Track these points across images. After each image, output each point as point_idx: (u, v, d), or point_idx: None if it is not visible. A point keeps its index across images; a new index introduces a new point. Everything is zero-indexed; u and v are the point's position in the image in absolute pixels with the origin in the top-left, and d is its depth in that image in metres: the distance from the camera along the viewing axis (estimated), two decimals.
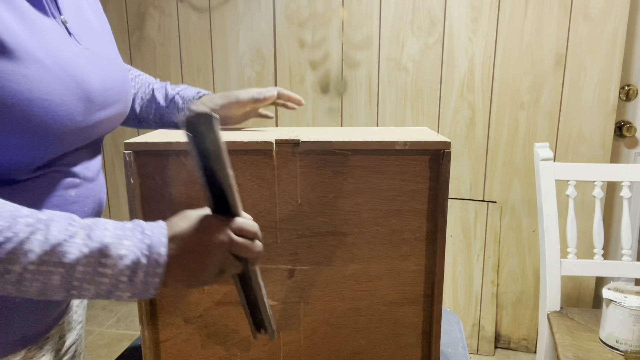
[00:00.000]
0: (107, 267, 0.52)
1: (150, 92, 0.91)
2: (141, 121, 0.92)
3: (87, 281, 0.52)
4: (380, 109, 2.04)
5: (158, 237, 0.55)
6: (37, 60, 0.56)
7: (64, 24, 0.65)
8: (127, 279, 0.53)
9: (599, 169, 1.51)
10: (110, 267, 0.52)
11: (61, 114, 0.58)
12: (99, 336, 2.23)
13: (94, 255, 0.52)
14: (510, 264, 2.04)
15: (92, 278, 0.52)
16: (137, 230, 0.55)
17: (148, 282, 0.54)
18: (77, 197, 0.66)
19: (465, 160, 2.00)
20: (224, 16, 2.11)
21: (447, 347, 0.92)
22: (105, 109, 0.68)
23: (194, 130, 0.53)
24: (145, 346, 0.75)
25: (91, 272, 0.52)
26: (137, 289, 0.54)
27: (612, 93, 1.83)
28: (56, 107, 0.57)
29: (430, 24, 1.92)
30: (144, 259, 0.53)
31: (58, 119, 0.58)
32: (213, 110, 0.84)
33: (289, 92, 0.90)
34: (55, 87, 0.57)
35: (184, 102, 0.88)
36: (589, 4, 1.78)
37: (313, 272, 0.74)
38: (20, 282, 0.51)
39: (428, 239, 0.73)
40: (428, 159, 0.70)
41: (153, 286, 0.54)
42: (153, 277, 0.54)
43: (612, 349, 1.28)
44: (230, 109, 0.85)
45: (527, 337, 2.09)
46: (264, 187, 0.71)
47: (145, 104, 0.90)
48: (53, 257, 0.51)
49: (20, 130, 0.55)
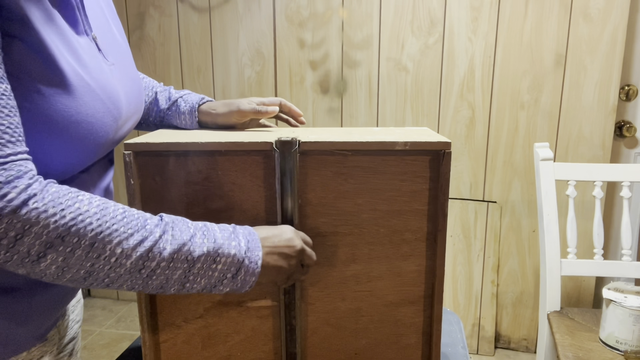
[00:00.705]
0: (220, 263, 0.60)
1: (153, 94, 0.92)
2: (141, 123, 0.93)
3: (200, 275, 0.60)
4: (380, 109, 2.04)
5: (255, 242, 0.64)
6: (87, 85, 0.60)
7: (94, 40, 0.67)
8: (232, 276, 0.61)
9: (599, 169, 1.51)
10: (222, 263, 0.60)
11: (100, 133, 0.63)
12: (99, 336, 2.23)
13: (210, 254, 0.60)
14: (510, 264, 2.04)
15: (205, 273, 0.60)
16: (238, 233, 0.63)
17: (246, 280, 0.62)
18: None
19: (465, 160, 2.00)
20: (224, 16, 2.11)
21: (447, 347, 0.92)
22: (128, 122, 0.72)
23: None
24: (145, 346, 0.75)
25: (206, 268, 0.60)
26: (237, 285, 0.62)
27: (612, 93, 1.83)
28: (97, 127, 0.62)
29: (430, 24, 1.92)
30: (246, 260, 0.62)
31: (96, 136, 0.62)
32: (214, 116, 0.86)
33: (291, 104, 0.91)
34: (99, 109, 0.62)
35: (186, 106, 0.89)
36: (589, 4, 1.78)
37: (313, 272, 0.74)
38: (150, 277, 0.57)
39: (428, 239, 0.73)
40: (428, 159, 0.70)
41: (250, 284, 0.63)
42: (251, 277, 0.63)
43: (612, 349, 1.28)
44: (230, 117, 0.86)
45: (527, 337, 2.09)
46: (264, 187, 0.71)
47: (147, 106, 0.92)
48: (181, 255, 0.58)
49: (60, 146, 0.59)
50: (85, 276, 0.55)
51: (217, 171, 0.71)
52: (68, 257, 0.53)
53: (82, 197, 0.55)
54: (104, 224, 0.54)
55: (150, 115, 0.92)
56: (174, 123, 0.90)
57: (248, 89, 2.15)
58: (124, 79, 0.72)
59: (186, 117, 0.87)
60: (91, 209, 0.54)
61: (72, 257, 0.53)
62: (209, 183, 0.71)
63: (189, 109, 0.88)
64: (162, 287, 0.59)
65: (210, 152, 0.70)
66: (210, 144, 0.69)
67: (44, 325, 0.68)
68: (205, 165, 0.70)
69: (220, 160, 0.70)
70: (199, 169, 0.71)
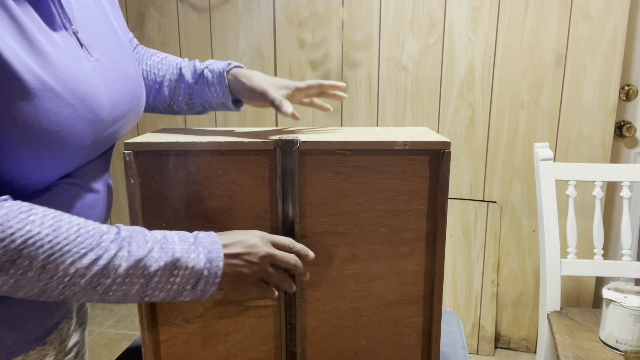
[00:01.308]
0: (177, 276, 0.60)
1: (177, 71, 0.88)
2: (172, 105, 0.89)
3: (159, 289, 0.60)
4: (380, 109, 2.04)
5: (217, 252, 0.63)
6: (50, 90, 0.56)
7: (75, 34, 0.63)
8: (191, 287, 0.61)
9: (599, 169, 1.51)
10: (180, 276, 0.60)
11: (72, 140, 0.59)
12: (99, 336, 2.23)
13: (168, 268, 0.60)
14: (510, 264, 2.04)
15: (163, 286, 0.60)
16: (199, 244, 0.63)
17: (207, 290, 0.62)
18: (81, 209, 0.66)
19: (465, 160, 2.00)
20: (224, 16, 2.11)
21: (447, 347, 0.92)
22: (116, 123, 0.68)
23: None
24: (145, 346, 0.75)
25: (164, 282, 0.60)
26: (197, 294, 0.62)
27: (612, 93, 1.83)
28: (66, 135, 0.58)
29: (430, 24, 1.92)
30: (206, 271, 0.61)
31: (69, 143, 0.59)
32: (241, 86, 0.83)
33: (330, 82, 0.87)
34: (66, 116, 0.58)
35: (213, 76, 0.84)
36: (589, 4, 1.78)
37: (313, 272, 0.74)
38: (106, 293, 0.57)
39: (428, 239, 0.73)
40: (428, 159, 0.70)
41: (210, 293, 0.63)
42: (212, 286, 0.62)
43: (612, 349, 1.28)
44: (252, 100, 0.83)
45: (527, 337, 2.09)
46: (264, 187, 0.71)
47: (174, 85, 0.87)
48: (137, 270, 0.58)
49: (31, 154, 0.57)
50: (40, 293, 0.55)
51: (217, 171, 0.71)
52: (19, 279, 0.52)
53: (33, 218, 0.53)
54: (55, 246, 0.53)
55: (180, 94, 0.87)
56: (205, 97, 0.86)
57: None
58: (112, 76, 0.68)
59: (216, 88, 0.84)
60: (43, 230, 0.53)
61: (24, 278, 0.52)
62: (209, 183, 0.71)
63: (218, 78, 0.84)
64: (121, 300, 0.59)
65: (210, 152, 0.70)
66: (210, 143, 0.69)
67: (40, 329, 0.67)
68: (205, 165, 0.70)
69: (220, 160, 0.70)
70: (199, 168, 0.71)
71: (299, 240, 0.72)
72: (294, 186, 0.71)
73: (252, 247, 0.65)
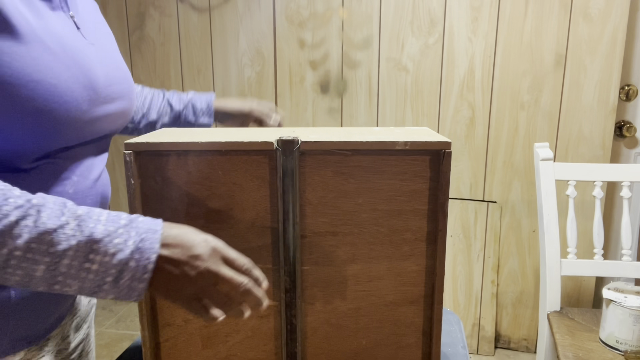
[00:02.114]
0: (94, 263, 0.50)
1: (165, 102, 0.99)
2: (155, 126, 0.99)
3: (71, 276, 0.50)
4: (380, 109, 2.04)
5: (151, 242, 0.52)
6: (43, 43, 0.56)
7: (72, 18, 0.66)
8: (112, 280, 0.50)
9: (599, 169, 1.51)
10: (97, 263, 0.50)
11: (66, 99, 0.57)
12: (99, 336, 2.23)
13: (81, 249, 0.49)
14: (510, 264, 2.04)
15: (77, 273, 0.50)
16: (132, 228, 0.52)
17: (133, 287, 0.51)
18: (74, 195, 0.66)
19: (465, 160, 2.00)
20: (224, 16, 2.11)
21: (447, 347, 0.92)
22: (110, 104, 0.69)
23: None
24: (145, 346, 0.75)
25: (76, 267, 0.49)
26: (122, 292, 0.51)
27: (612, 93, 1.83)
28: (62, 92, 0.57)
29: (430, 24, 1.92)
30: (132, 262, 0.50)
31: (63, 104, 0.57)
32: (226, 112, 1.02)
33: None
34: (62, 73, 0.57)
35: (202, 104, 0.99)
36: (589, 4, 1.78)
37: (313, 272, 0.74)
38: (4, 269, 0.48)
39: (428, 239, 0.73)
40: (428, 159, 0.70)
41: (137, 292, 0.51)
42: (139, 283, 0.51)
43: (612, 349, 1.28)
44: None
45: (527, 337, 2.09)
46: (264, 187, 0.71)
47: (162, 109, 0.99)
48: (41, 245, 0.48)
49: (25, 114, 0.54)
50: None
51: (217, 171, 0.71)
52: None
53: None
54: None
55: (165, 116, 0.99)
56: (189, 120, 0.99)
57: (248, 89, 2.15)
58: (105, 61, 0.69)
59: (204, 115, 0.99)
60: None
61: None
62: (209, 183, 0.71)
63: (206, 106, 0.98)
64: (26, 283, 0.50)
65: (211, 152, 0.70)
66: (211, 143, 0.69)
67: (36, 328, 0.67)
68: (205, 165, 0.70)
69: (220, 160, 0.70)
70: (200, 168, 0.71)
71: (299, 240, 0.72)
72: (294, 186, 0.71)
73: (193, 259, 0.53)
